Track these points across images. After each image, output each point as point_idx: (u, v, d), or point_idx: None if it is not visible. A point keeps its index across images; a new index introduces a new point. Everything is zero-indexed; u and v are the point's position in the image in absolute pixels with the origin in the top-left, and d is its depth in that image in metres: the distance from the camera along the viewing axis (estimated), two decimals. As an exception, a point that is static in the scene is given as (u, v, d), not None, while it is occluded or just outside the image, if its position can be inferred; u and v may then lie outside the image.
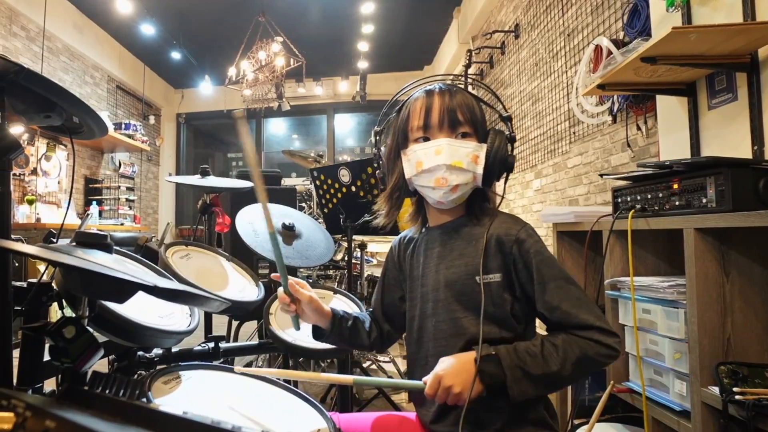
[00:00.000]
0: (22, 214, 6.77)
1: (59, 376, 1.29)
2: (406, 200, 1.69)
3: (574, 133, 4.72)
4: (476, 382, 1.32)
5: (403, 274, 1.74)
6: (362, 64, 10.03)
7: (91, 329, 1.15)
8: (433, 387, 1.34)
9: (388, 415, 1.73)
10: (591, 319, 1.35)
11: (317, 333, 1.70)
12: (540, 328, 1.52)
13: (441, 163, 1.47)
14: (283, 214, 2.71)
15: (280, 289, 1.59)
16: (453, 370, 1.34)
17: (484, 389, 1.34)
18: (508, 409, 1.40)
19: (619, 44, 3.24)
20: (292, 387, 1.64)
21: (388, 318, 1.80)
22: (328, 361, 4.56)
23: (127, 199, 9.85)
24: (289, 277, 1.59)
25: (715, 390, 1.76)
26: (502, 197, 1.57)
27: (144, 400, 1.19)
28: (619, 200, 2.41)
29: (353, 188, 3.20)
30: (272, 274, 1.69)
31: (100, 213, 8.83)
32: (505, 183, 1.57)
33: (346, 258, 3.57)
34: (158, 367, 1.69)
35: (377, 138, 1.72)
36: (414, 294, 1.64)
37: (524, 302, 1.46)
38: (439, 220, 1.64)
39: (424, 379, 1.38)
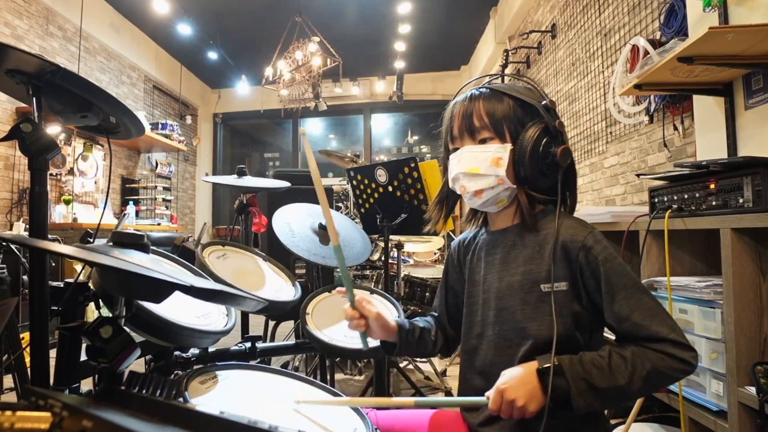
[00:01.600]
0: (58, 214, 6.82)
1: (96, 376, 1.27)
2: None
3: (610, 133, 4.70)
4: (540, 396, 1.29)
5: (464, 277, 1.71)
6: (399, 64, 10.00)
7: (127, 329, 1.16)
8: (497, 402, 1.31)
9: (430, 411, 1.73)
10: (664, 331, 1.29)
11: (386, 348, 1.71)
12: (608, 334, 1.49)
13: (458, 172, 1.52)
14: (319, 213, 2.70)
15: (347, 306, 1.60)
16: (515, 382, 1.30)
17: (548, 401, 1.29)
18: (553, 419, 1.34)
19: (655, 44, 3.22)
20: (328, 387, 1.63)
21: (453, 322, 1.77)
22: (365, 360, 4.58)
23: (163, 199, 9.87)
24: (354, 291, 1.61)
25: (752, 390, 1.76)
26: (559, 198, 1.46)
27: (181, 400, 1.17)
28: (656, 200, 2.40)
29: (390, 188, 3.20)
30: (337, 289, 1.71)
31: (137, 213, 8.82)
32: (560, 178, 1.47)
33: (382, 258, 3.58)
34: (195, 367, 1.70)
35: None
36: (475, 299, 1.61)
37: (591, 312, 1.41)
38: (498, 224, 1.62)
39: (487, 394, 1.34)
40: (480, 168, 1.47)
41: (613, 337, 1.42)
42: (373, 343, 1.86)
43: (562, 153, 1.43)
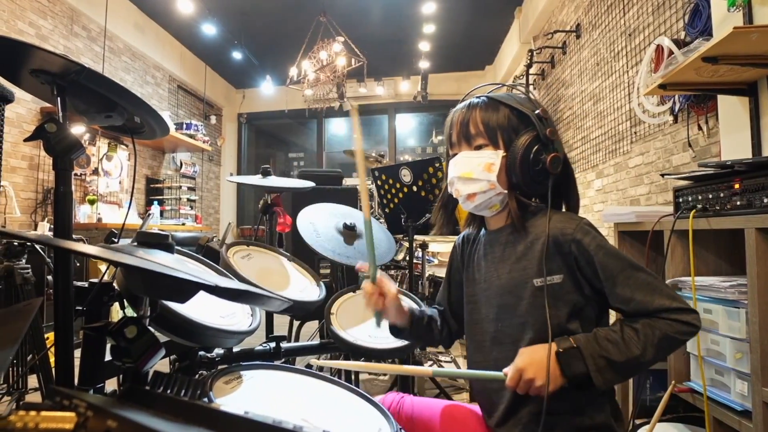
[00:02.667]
0: (83, 214, 6.88)
1: (120, 376, 1.32)
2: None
3: (635, 133, 4.69)
4: (558, 376, 1.34)
5: (465, 273, 1.76)
6: (423, 64, 10.01)
7: (152, 329, 1.16)
8: (514, 379, 1.36)
9: (456, 405, 1.75)
10: (666, 302, 1.34)
11: (395, 331, 1.76)
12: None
13: (453, 176, 1.59)
14: (344, 213, 2.73)
15: (366, 281, 1.63)
16: (534, 362, 1.35)
17: (566, 381, 1.35)
18: (570, 415, 1.42)
19: (680, 44, 3.20)
20: (353, 387, 1.63)
21: (456, 315, 1.83)
22: (389, 360, 4.58)
23: (188, 199, 9.90)
24: (379, 279, 1.63)
25: (777, 390, 1.75)
26: (549, 204, 1.50)
27: (205, 400, 1.18)
28: (681, 200, 2.40)
29: (414, 188, 3.20)
30: (358, 264, 1.72)
31: (162, 213, 8.86)
32: (550, 184, 1.51)
33: (407, 258, 3.58)
34: (219, 367, 1.67)
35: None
36: (476, 297, 1.66)
37: (595, 298, 1.46)
38: (493, 225, 1.67)
39: (505, 370, 1.39)
40: (473, 173, 1.54)
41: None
42: (396, 343, 1.87)
43: (552, 160, 1.48)
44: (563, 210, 1.63)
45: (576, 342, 1.35)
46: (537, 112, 1.53)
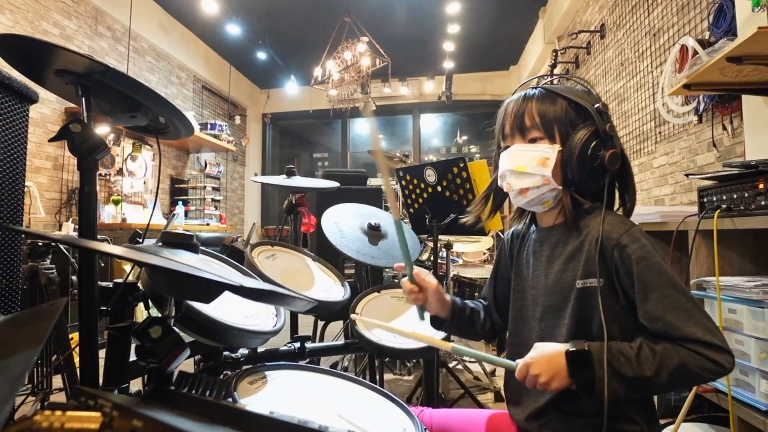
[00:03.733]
0: (107, 214, 6.92)
1: (145, 376, 1.27)
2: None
3: (659, 133, 4.69)
4: (565, 376, 1.30)
5: (513, 269, 1.73)
6: (448, 64, 9.98)
7: (177, 329, 1.16)
8: (522, 372, 1.34)
9: (479, 411, 1.74)
10: (698, 332, 1.25)
11: (436, 322, 1.74)
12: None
13: (506, 169, 1.53)
14: (369, 213, 2.72)
15: (405, 279, 1.63)
16: (543, 359, 1.32)
17: (573, 383, 1.30)
18: (597, 417, 1.34)
19: (704, 44, 3.20)
20: (378, 387, 1.62)
21: (500, 311, 1.81)
22: (414, 360, 4.59)
23: (212, 200, 9.89)
24: (416, 274, 1.63)
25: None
26: (605, 202, 1.44)
27: (230, 400, 1.19)
28: (705, 200, 2.39)
29: (439, 188, 3.19)
30: (395, 264, 1.71)
31: (186, 213, 8.85)
32: (607, 182, 1.45)
33: (431, 258, 3.58)
34: (244, 367, 1.71)
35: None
36: (523, 295, 1.64)
37: (629, 310, 1.39)
38: (545, 222, 1.63)
39: (518, 361, 1.36)
40: (527, 167, 1.48)
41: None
42: (421, 344, 1.87)
43: (610, 157, 1.42)
44: (618, 211, 1.57)
45: (588, 346, 1.30)
46: (597, 105, 1.48)
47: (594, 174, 1.45)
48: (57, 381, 3.26)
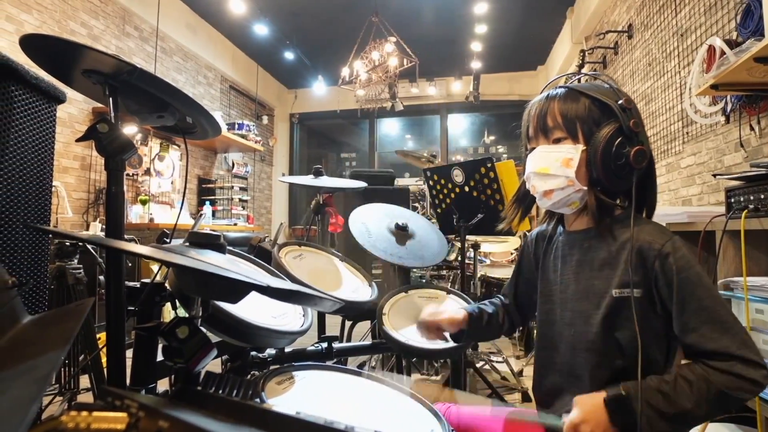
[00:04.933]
0: (135, 214, 6.94)
1: (172, 376, 1.32)
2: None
3: (687, 133, 4.67)
4: (609, 427, 1.27)
5: (537, 270, 1.72)
6: (475, 64, 9.92)
7: (204, 329, 1.17)
8: None
9: (506, 408, 1.74)
10: (733, 346, 1.24)
11: (455, 337, 1.77)
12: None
13: (530, 171, 1.52)
14: (396, 213, 2.73)
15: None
16: (587, 416, 1.28)
17: (617, 430, 1.27)
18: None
19: (732, 44, 3.18)
20: (405, 388, 1.60)
21: (521, 308, 1.84)
22: (441, 360, 4.59)
23: (240, 200, 9.88)
24: (421, 321, 1.74)
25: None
26: (633, 201, 1.40)
27: (257, 400, 1.18)
28: (732, 200, 2.39)
29: (466, 188, 3.20)
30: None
31: (213, 213, 8.81)
32: (634, 180, 1.41)
33: (459, 258, 3.57)
34: (271, 368, 1.68)
35: None
36: (551, 298, 1.62)
37: (666, 321, 1.37)
38: (575, 225, 1.60)
39: (564, 419, 1.32)
40: (550, 168, 1.47)
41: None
42: (448, 344, 1.88)
43: (636, 154, 1.39)
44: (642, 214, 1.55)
45: (625, 390, 1.27)
46: (620, 102, 1.44)
47: (620, 172, 1.42)
48: (84, 381, 3.29)
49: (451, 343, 1.88)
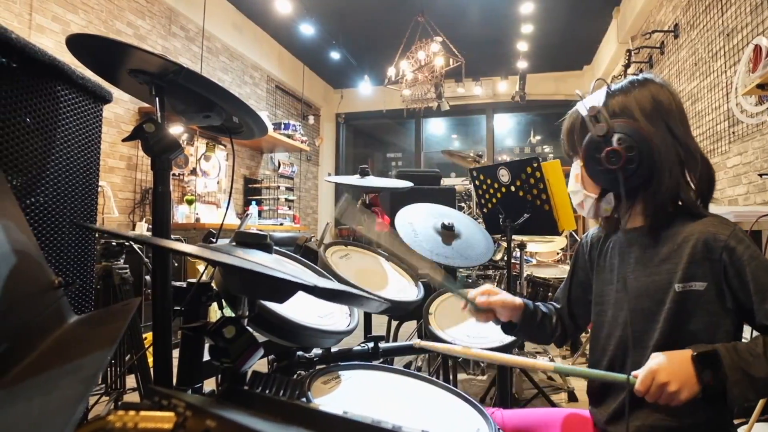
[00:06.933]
0: (181, 214, 6.95)
1: (219, 376, 1.32)
2: None
3: (733, 133, 4.65)
4: (695, 383, 1.21)
5: (593, 273, 1.70)
6: (521, 64, 9.87)
7: (250, 329, 1.16)
8: (646, 383, 1.23)
9: (556, 410, 1.73)
10: None
11: (506, 327, 1.74)
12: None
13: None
14: (442, 213, 2.72)
15: (470, 306, 1.68)
16: (669, 365, 1.22)
17: (701, 391, 1.21)
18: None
19: (778, 45, 3.14)
20: (452, 387, 1.59)
21: (574, 315, 1.78)
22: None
23: (286, 199, 9.90)
24: (476, 290, 1.69)
25: None
26: (624, 198, 1.41)
27: (304, 400, 1.16)
28: (779, 200, 2.36)
29: (512, 188, 3.18)
30: (462, 305, 1.74)
31: (260, 213, 8.83)
32: (621, 180, 1.38)
33: (505, 258, 3.57)
34: (318, 367, 1.66)
35: None
36: (606, 298, 1.59)
37: (735, 314, 1.34)
38: (632, 222, 1.56)
39: (634, 373, 1.27)
40: (570, 185, 1.59)
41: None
42: (494, 344, 1.88)
43: (608, 155, 1.38)
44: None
45: (715, 348, 1.23)
46: (586, 114, 1.43)
47: (607, 175, 1.42)
48: (130, 381, 3.30)
49: (497, 343, 1.87)
